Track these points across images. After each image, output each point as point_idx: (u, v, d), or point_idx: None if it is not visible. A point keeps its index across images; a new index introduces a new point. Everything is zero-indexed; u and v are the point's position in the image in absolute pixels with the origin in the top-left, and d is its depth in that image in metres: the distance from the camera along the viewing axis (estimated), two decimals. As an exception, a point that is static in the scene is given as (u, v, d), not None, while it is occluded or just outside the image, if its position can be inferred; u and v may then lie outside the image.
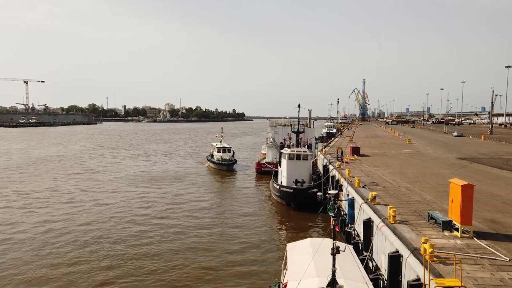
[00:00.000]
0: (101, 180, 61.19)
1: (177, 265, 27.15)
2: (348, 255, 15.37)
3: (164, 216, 40.22)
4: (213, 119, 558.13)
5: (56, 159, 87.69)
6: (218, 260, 28.30)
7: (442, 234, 19.05)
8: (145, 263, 27.52)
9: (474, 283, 13.75)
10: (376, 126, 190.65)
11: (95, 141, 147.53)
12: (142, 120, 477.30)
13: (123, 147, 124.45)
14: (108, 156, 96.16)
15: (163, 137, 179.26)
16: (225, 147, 76.54)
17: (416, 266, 15.51)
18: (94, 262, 27.67)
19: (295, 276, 14.28)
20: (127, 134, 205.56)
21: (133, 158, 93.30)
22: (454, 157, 54.68)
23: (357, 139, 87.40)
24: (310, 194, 42.05)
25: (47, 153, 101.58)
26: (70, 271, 26.13)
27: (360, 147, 59.78)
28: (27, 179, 61.07)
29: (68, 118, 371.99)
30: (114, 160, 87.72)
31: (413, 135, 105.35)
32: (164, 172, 69.85)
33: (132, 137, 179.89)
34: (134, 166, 77.89)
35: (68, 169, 72.96)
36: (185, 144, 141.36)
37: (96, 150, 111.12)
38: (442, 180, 33.99)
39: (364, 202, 26.06)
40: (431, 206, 25.00)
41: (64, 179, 61.81)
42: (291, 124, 69.62)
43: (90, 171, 70.07)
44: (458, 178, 20.41)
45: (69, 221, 38.07)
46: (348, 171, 36.53)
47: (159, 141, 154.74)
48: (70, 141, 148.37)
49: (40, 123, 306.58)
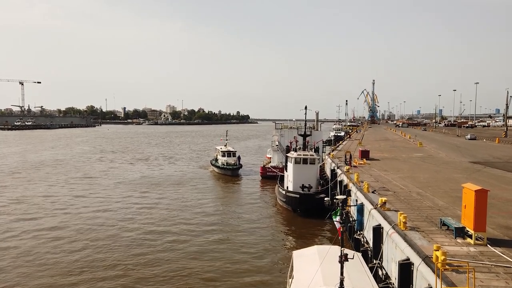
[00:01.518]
0: (100, 185, 61.45)
1: (178, 274, 27.20)
2: (357, 263, 15.36)
3: (165, 222, 40.34)
4: (216, 121, 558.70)
5: (53, 164, 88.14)
6: (221, 269, 28.35)
7: (455, 241, 19.03)
8: (145, 271, 27.62)
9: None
10: (386, 129, 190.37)
11: (94, 145, 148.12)
12: (143, 123, 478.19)
13: (123, 150, 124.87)
14: (107, 160, 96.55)
15: (164, 140, 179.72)
16: (230, 151, 76.08)
17: (427, 274, 15.51)
18: (90, 271, 27.78)
19: (301, 285, 14.30)
20: (127, 137, 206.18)
21: (133, 162, 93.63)
22: (467, 161, 54.51)
23: (366, 142, 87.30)
24: (317, 199, 42.01)
25: (43, 157, 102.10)
26: (68, 279, 26.27)
27: (370, 150, 59.71)
28: (22, 184, 61.41)
29: (66, 120, 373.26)
30: (113, 165, 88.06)
31: (425, 138, 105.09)
32: (166, 177, 70.05)
33: (133, 140, 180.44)
34: (134, 171, 78.18)
35: (65, 173, 73.31)
36: (188, 148, 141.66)
37: (95, 154, 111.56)
38: (455, 185, 33.92)
39: (373, 208, 26.05)
40: (444, 212, 24.97)
41: (61, 184, 62.14)
42: (298, 127, 69.70)
43: (89, 176, 70.38)
44: (471, 183, 20.37)
45: (66, 228, 38.24)
46: (357, 176, 36.52)
47: (161, 144, 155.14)
48: (68, 145, 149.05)
49: (37, 126, 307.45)
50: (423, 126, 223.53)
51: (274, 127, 77.73)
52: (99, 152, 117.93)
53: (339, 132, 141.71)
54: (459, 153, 66.66)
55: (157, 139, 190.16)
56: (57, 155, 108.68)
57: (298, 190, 44.76)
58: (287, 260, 28.27)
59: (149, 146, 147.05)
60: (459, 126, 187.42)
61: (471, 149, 74.82)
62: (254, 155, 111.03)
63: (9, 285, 25.45)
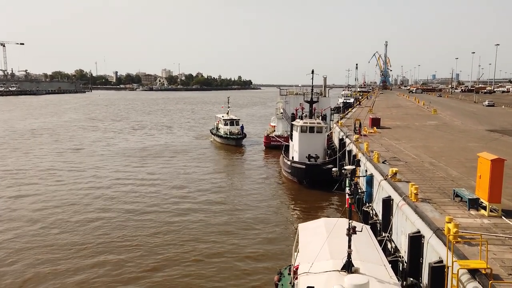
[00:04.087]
0: (93, 156, 61.98)
1: (179, 251, 27.74)
2: (365, 236, 15.60)
3: (164, 195, 40.94)
4: (216, 87, 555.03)
5: (43, 133, 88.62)
6: (225, 242, 29.00)
7: (468, 213, 19.46)
8: (149, 242, 28.29)
9: (501, 264, 14.18)
10: (398, 95, 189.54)
11: (85, 113, 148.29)
12: (137, 89, 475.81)
13: (117, 119, 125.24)
14: (100, 130, 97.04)
15: (161, 108, 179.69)
16: (233, 119, 75.57)
17: (438, 247, 15.93)
18: (84, 246, 28.39)
19: (307, 258, 14.54)
20: (120, 104, 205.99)
21: (129, 132, 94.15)
22: (484, 129, 54.67)
23: (377, 110, 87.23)
24: (324, 170, 42.32)
25: (33, 125, 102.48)
26: (55, 255, 26.99)
27: (381, 118, 59.83)
28: (10, 155, 62.03)
29: (53, 86, 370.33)
30: (107, 134, 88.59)
31: (440, 105, 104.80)
32: (164, 147, 70.55)
33: (127, 107, 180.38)
34: (130, 141, 78.76)
35: (57, 143, 73.89)
36: (187, 116, 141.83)
37: (87, 123, 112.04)
38: (470, 155, 34.20)
39: (383, 178, 26.44)
40: (457, 183, 25.37)
41: (53, 155, 62.71)
42: (304, 93, 69.41)
43: (81, 147, 70.83)
44: (487, 152, 20.63)
45: (56, 200, 38.85)
46: (366, 145, 36.80)
47: (157, 112, 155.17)
48: (58, 112, 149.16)
49: (22, 92, 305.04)
50: (438, 92, 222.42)
51: (279, 93, 77.41)
52: (91, 121, 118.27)
53: (348, 98, 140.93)
54: (476, 120, 66.71)
55: (153, 106, 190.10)
56: (47, 123, 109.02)
57: (304, 161, 45.07)
58: (293, 233, 28.91)
59: (144, 114, 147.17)
60: (476, 91, 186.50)
61: (488, 116, 74.79)
62: (257, 124, 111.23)
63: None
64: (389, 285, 12.47)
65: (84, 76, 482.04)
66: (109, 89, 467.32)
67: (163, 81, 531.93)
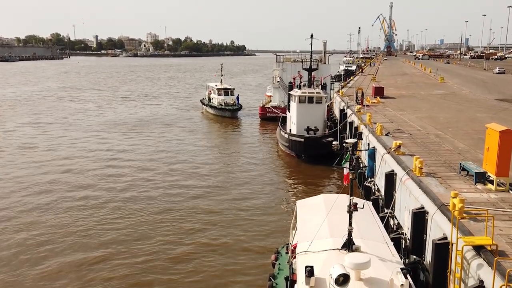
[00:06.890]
0: (75, 127, 61.99)
1: (174, 230, 28.17)
2: (367, 212, 15.67)
3: (156, 172, 41.18)
4: (207, 53, 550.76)
5: (21, 103, 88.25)
6: (221, 220, 29.38)
7: (475, 187, 19.82)
8: (142, 219, 28.75)
9: (507, 241, 14.57)
10: (404, 62, 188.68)
11: (65, 81, 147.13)
12: (119, 55, 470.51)
13: (99, 88, 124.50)
14: (82, 99, 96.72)
15: (147, 76, 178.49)
16: (228, 89, 74.58)
17: (443, 223, 16.30)
18: (65, 228, 28.88)
19: (305, 236, 14.66)
20: (102, 72, 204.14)
21: (112, 102, 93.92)
22: (494, 99, 54.97)
23: (380, 78, 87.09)
24: (324, 143, 42.55)
25: (7, 95, 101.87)
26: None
27: (384, 87, 59.89)
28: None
29: (27, 51, 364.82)
30: (90, 105, 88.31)
31: (447, 73, 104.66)
32: (152, 119, 70.70)
33: (110, 75, 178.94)
34: (116, 112, 78.71)
35: (37, 113, 73.68)
36: (176, 84, 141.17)
37: (67, 92, 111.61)
38: (478, 126, 34.50)
39: (386, 152, 26.75)
40: (464, 156, 25.74)
41: (32, 126, 62.71)
42: (302, 60, 69.16)
43: (62, 117, 70.75)
44: (496, 123, 20.83)
45: (38, 175, 39.16)
46: (369, 117, 36.96)
47: (143, 81, 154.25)
48: (34, 81, 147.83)
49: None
50: (446, 59, 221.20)
51: (275, 60, 77.00)
52: (70, 89, 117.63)
53: (350, 65, 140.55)
54: (485, 89, 66.93)
55: (138, 74, 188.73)
56: (24, 92, 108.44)
57: (302, 133, 45.23)
58: (290, 210, 29.30)
59: (129, 82, 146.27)
60: (486, 58, 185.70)
61: (499, 84, 74.95)
62: (251, 94, 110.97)
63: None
64: (391, 264, 12.67)
65: (61, 41, 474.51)
66: (89, 55, 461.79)
67: (148, 47, 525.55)
